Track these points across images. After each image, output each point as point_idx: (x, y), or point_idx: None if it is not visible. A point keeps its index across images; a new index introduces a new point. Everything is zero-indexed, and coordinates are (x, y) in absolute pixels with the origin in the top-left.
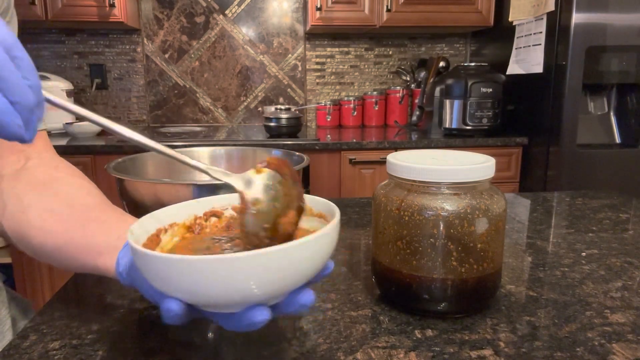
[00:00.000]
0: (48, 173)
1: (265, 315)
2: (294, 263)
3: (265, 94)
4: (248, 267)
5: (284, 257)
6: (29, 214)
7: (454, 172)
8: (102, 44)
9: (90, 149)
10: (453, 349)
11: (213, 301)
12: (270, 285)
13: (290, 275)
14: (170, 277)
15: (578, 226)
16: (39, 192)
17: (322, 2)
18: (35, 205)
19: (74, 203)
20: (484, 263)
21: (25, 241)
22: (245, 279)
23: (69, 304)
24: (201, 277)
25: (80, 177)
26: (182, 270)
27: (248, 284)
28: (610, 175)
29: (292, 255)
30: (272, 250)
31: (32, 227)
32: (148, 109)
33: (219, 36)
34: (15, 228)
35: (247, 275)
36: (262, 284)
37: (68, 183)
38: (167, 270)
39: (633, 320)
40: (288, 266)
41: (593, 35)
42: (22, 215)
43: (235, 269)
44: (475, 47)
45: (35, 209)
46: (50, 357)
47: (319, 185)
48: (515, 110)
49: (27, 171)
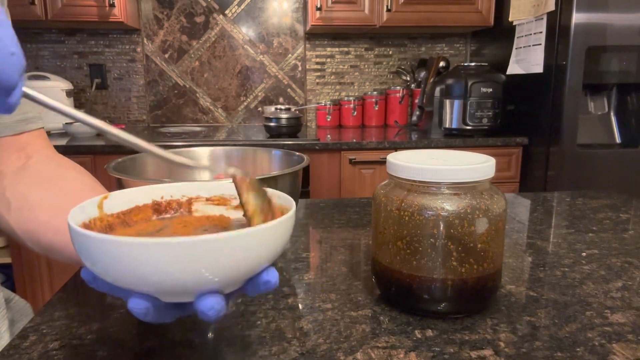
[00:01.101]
0: (52, 170)
1: (216, 305)
2: (240, 251)
3: (265, 94)
4: (183, 253)
5: (225, 245)
6: (37, 211)
7: (454, 172)
8: (102, 44)
9: (90, 149)
10: (453, 349)
11: (154, 288)
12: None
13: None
14: (103, 260)
15: (578, 226)
16: (44, 189)
17: (322, 2)
18: (42, 202)
19: (80, 199)
20: (484, 263)
21: (35, 239)
22: (182, 266)
23: (69, 304)
24: (131, 259)
25: (83, 173)
26: (113, 252)
27: (188, 270)
28: (610, 175)
29: (235, 244)
30: (208, 239)
31: (40, 224)
32: (148, 109)
33: (219, 36)
34: (23, 226)
35: (182, 261)
36: (199, 271)
37: (72, 179)
38: (100, 252)
39: (633, 320)
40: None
41: (593, 35)
42: (29, 213)
43: (166, 254)
44: (475, 47)
45: (42, 206)
46: (50, 357)
47: (319, 185)
48: (515, 110)
49: (30, 169)
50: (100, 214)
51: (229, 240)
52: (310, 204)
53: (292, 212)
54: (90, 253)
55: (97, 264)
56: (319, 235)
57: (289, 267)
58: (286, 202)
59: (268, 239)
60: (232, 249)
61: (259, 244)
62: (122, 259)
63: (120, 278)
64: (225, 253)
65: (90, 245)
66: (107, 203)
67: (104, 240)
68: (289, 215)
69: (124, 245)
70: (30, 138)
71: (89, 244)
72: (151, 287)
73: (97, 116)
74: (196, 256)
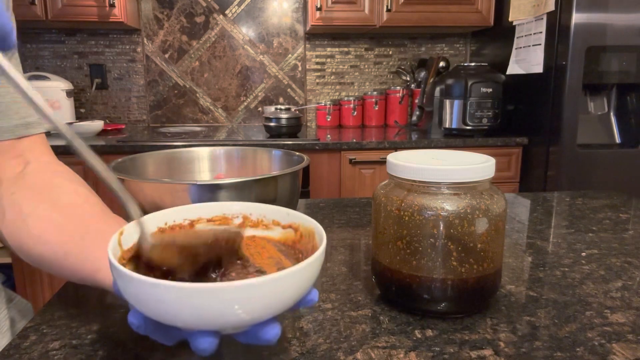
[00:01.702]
0: (47, 179)
1: (211, 343)
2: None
3: (265, 94)
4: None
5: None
6: (28, 223)
7: (454, 172)
8: (102, 44)
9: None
10: (453, 349)
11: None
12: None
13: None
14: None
15: (578, 226)
16: (37, 200)
17: (322, 2)
18: (33, 213)
19: (73, 212)
20: (484, 263)
21: (25, 250)
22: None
23: (69, 304)
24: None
25: (79, 183)
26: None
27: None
28: (610, 175)
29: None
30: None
31: (30, 237)
32: (148, 109)
33: (219, 36)
34: (14, 236)
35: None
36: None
37: (67, 191)
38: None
39: (633, 320)
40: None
41: (593, 35)
42: (21, 223)
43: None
44: (475, 47)
45: (34, 218)
46: (50, 357)
47: (319, 185)
48: (515, 110)
49: (26, 177)
50: (122, 253)
51: (290, 276)
52: (310, 204)
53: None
54: (164, 302)
55: (167, 311)
56: None
57: None
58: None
59: (315, 270)
60: (289, 284)
61: (311, 274)
62: (198, 303)
63: (192, 322)
64: (286, 288)
65: (167, 295)
66: (124, 239)
67: (188, 290)
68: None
69: (204, 292)
70: (29, 143)
71: (162, 293)
72: (218, 325)
73: (97, 116)
74: (262, 295)
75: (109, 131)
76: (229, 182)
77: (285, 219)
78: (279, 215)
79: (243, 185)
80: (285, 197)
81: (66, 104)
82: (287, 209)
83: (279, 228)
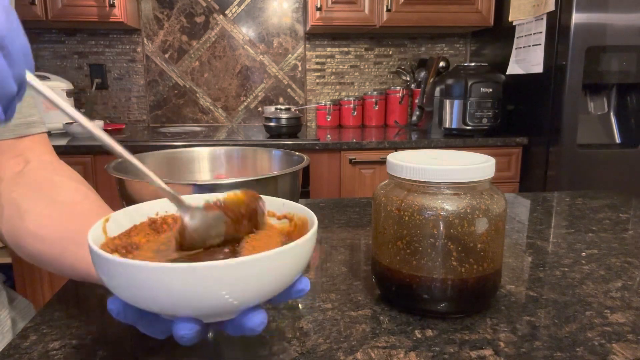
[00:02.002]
0: (46, 177)
1: (190, 329)
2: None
3: (265, 94)
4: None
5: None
6: (25, 220)
7: (454, 172)
8: (102, 44)
9: (90, 149)
10: (453, 349)
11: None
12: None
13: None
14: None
15: (578, 226)
16: (36, 197)
17: (322, 2)
18: (31, 211)
19: (71, 210)
20: (484, 263)
21: (22, 247)
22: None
23: (69, 304)
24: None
25: (78, 181)
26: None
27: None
28: (610, 175)
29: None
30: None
31: (28, 234)
32: (148, 109)
33: (219, 36)
34: (12, 234)
35: (174, 285)
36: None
37: (66, 188)
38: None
39: (633, 320)
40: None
41: (593, 35)
42: (19, 221)
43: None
44: (475, 47)
45: (31, 215)
46: (50, 357)
47: (319, 185)
48: (515, 110)
49: (26, 175)
50: (107, 239)
51: (277, 256)
52: (310, 204)
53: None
54: (137, 283)
55: (143, 294)
56: (319, 235)
57: None
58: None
59: (303, 254)
60: (279, 264)
61: (298, 258)
62: (175, 285)
63: (170, 305)
64: (273, 269)
65: (138, 275)
66: (110, 226)
67: (161, 269)
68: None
69: (179, 272)
70: (30, 143)
71: (135, 273)
72: (199, 310)
73: (97, 116)
74: (246, 275)
75: (109, 131)
76: (229, 182)
77: (280, 210)
78: (275, 206)
79: (243, 185)
80: (285, 197)
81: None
82: (283, 200)
83: (274, 219)
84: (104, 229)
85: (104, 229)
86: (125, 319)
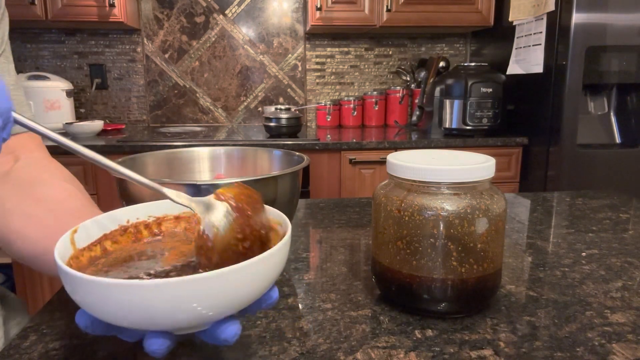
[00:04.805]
0: (33, 175)
1: (161, 345)
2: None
3: (265, 94)
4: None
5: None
6: (8, 218)
7: (454, 172)
8: (102, 44)
9: (90, 149)
10: (453, 349)
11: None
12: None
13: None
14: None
15: (578, 226)
16: (21, 195)
17: (322, 2)
18: (16, 209)
19: (56, 207)
20: (484, 263)
21: (6, 246)
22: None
23: (69, 304)
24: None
25: (66, 179)
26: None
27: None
28: (610, 175)
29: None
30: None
31: (11, 232)
32: (148, 109)
33: (219, 36)
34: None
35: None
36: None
37: (53, 186)
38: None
39: (633, 320)
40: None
41: (593, 35)
42: (2, 219)
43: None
44: (475, 47)
45: (15, 214)
46: (50, 357)
47: (319, 185)
48: (515, 110)
49: (13, 174)
50: (75, 251)
51: (248, 267)
52: (310, 204)
53: (288, 235)
54: (103, 301)
55: (110, 310)
56: (319, 235)
57: (289, 267)
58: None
59: (276, 263)
60: (253, 275)
61: (269, 269)
62: (141, 302)
63: (138, 321)
64: (247, 280)
65: (104, 292)
66: (78, 237)
67: (125, 286)
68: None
69: (144, 289)
70: (21, 140)
71: (101, 291)
72: (170, 324)
73: (97, 116)
74: (219, 288)
75: (109, 131)
76: (229, 182)
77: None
78: None
79: None
80: (286, 197)
81: (66, 104)
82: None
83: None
84: (72, 240)
85: (71, 240)
86: (94, 332)
